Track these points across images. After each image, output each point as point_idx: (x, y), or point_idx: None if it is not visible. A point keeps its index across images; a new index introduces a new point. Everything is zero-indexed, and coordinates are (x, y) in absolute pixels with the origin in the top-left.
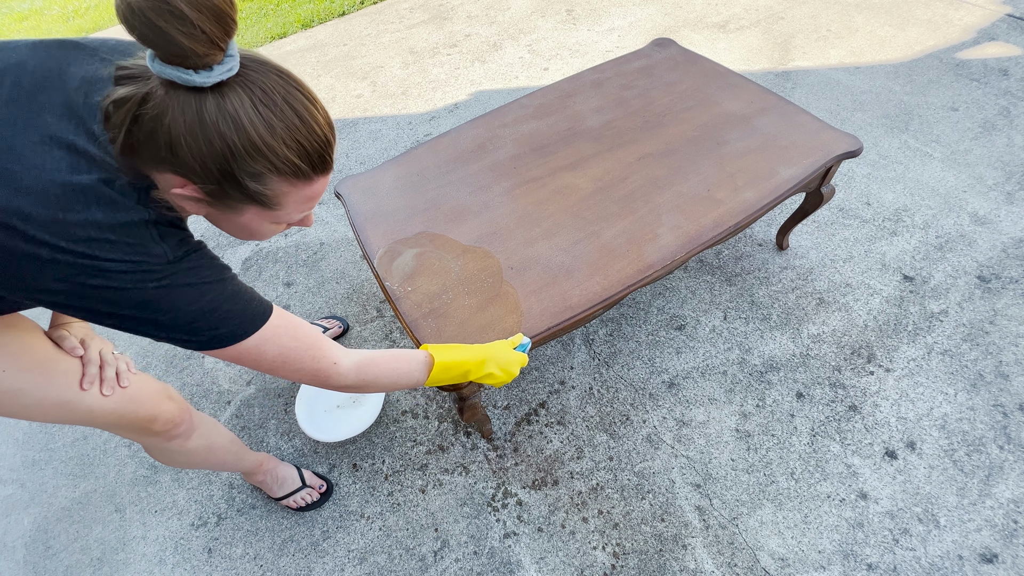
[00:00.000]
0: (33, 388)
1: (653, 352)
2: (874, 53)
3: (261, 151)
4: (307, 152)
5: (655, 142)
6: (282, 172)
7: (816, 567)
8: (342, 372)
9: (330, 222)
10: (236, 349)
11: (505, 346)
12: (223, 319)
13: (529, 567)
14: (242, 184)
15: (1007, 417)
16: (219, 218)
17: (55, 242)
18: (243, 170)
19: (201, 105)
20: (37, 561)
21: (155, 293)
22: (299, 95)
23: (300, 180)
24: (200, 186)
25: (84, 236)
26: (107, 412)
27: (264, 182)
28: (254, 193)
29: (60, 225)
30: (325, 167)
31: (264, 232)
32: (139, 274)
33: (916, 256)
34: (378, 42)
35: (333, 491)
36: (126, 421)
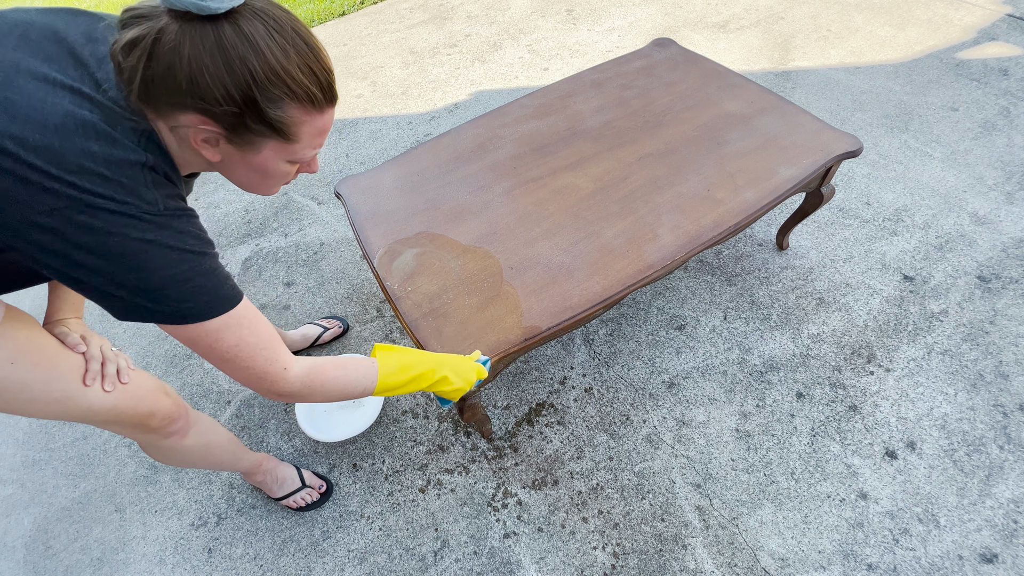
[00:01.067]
0: (38, 383)
1: (653, 352)
2: (874, 53)
3: (280, 76)
4: (318, 79)
5: (655, 142)
6: (299, 98)
7: (816, 567)
8: (289, 379)
9: (330, 222)
10: (195, 329)
11: (461, 358)
12: (192, 293)
13: (529, 567)
14: (263, 112)
15: (1007, 417)
16: (233, 163)
17: (48, 169)
18: (264, 95)
19: (220, 33)
20: (37, 561)
21: (134, 246)
22: (302, 27)
23: (314, 108)
24: (220, 121)
25: (77, 166)
26: (106, 408)
27: (283, 108)
28: (274, 121)
29: (55, 153)
30: (333, 97)
31: (276, 175)
32: (125, 218)
33: (916, 256)
34: (378, 42)
35: (333, 491)
36: (124, 417)
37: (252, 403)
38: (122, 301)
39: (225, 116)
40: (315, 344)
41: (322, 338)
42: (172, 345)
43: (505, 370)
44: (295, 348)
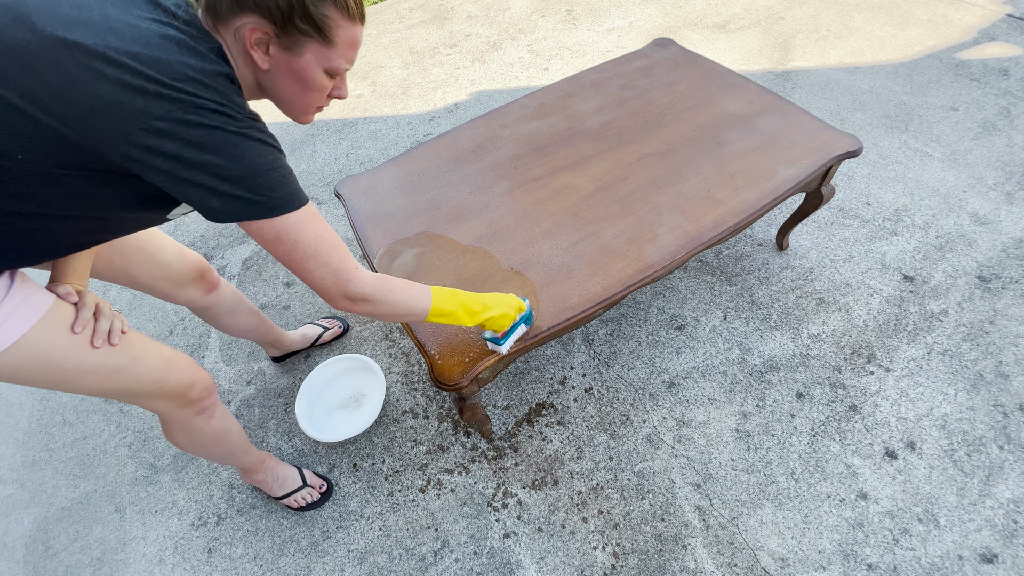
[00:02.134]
0: (95, 357)
1: (653, 352)
2: (874, 53)
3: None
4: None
5: (655, 142)
6: (337, 3)
7: (816, 567)
8: (364, 279)
9: (330, 222)
10: (283, 222)
11: (504, 295)
12: (280, 183)
13: (529, 567)
14: (308, 9)
15: (1007, 417)
16: (280, 71)
17: (160, 78)
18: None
19: None
20: (37, 561)
21: (235, 139)
22: None
23: (348, 16)
24: (272, 18)
25: (183, 75)
26: (154, 380)
27: (324, 7)
28: (317, 19)
29: (164, 64)
30: (363, 16)
31: (315, 86)
32: (224, 116)
33: (916, 256)
34: (378, 42)
35: (333, 491)
36: (168, 388)
37: (252, 403)
38: (225, 197)
39: (277, 12)
40: (315, 344)
41: (322, 338)
42: (181, 344)
43: (505, 370)
44: (295, 348)
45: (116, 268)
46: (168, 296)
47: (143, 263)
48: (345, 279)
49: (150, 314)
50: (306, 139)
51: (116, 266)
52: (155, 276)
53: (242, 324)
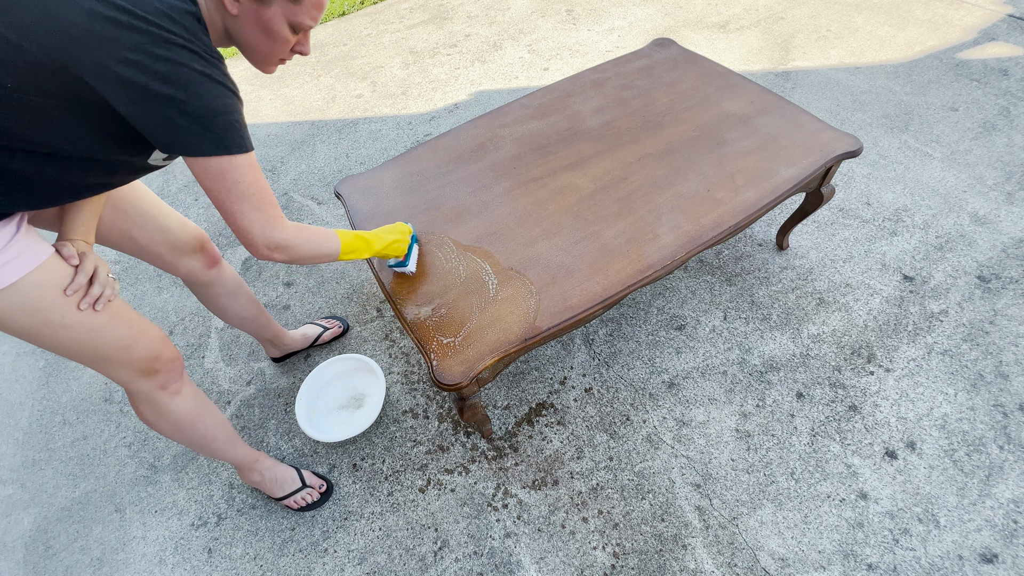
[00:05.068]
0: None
1: (653, 352)
2: (874, 53)
3: None
4: None
5: (655, 142)
6: None
7: (816, 567)
8: (287, 226)
9: (330, 222)
10: (230, 161)
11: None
12: (233, 126)
13: (529, 567)
14: None
15: (1007, 417)
16: (247, 18)
17: (133, 9)
18: None
19: None
20: (37, 561)
21: (199, 77)
22: None
23: None
24: None
25: (154, 10)
26: (121, 345)
27: None
28: None
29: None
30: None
31: (279, 38)
32: (190, 53)
33: (916, 256)
34: (378, 42)
35: (333, 491)
36: (134, 356)
37: (252, 403)
38: (181, 130)
39: None
40: (315, 344)
41: (322, 338)
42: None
43: (505, 370)
44: (295, 348)
45: (119, 231)
46: (169, 264)
47: (145, 227)
48: (272, 225)
49: (150, 314)
50: (306, 139)
51: (119, 229)
52: (156, 241)
53: (242, 311)
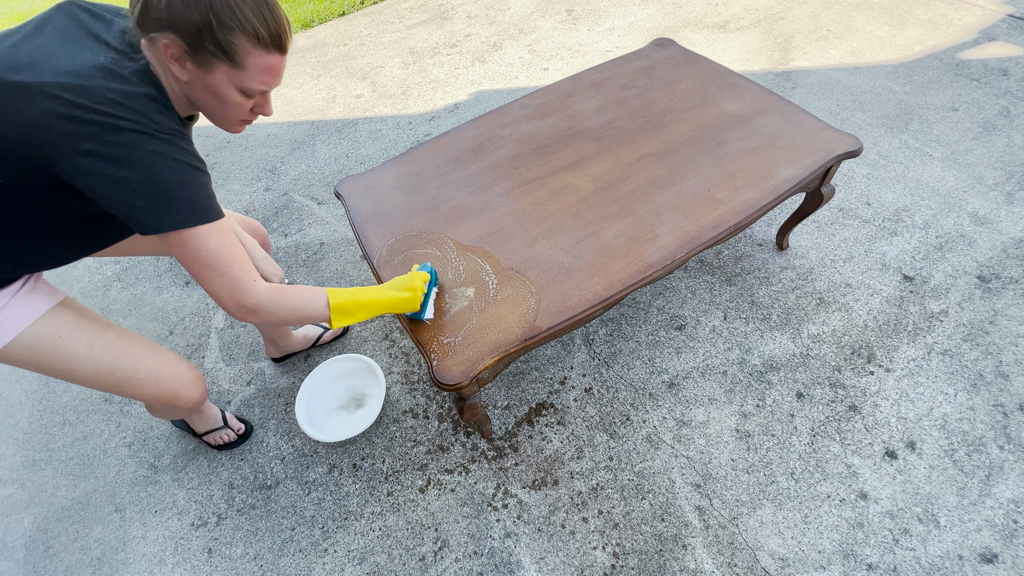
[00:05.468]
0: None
1: (653, 352)
2: (874, 53)
3: (232, 10)
4: (267, 25)
5: (655, 142)
6: (247, 32)
7: (816, 567)
8: (258, 290)
9: (330, 222)
10: (189, 233)
11: (401, 276)
12: (190, 198)
13: (529, 567)
14: (216, 34)
15: (1007, 417)
16: (195, 83)
17: (85, 103)
18: (218, 21)
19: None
20: (37, 561)
21: (148, 157)
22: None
23: (260, 44)
24: (184, 38)
25: (105, 99)
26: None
27: (233, 35)
28: (224, 44)
29: (88, 91)
30: (280, 46)
31: (230, 102)
32: (141, 135)
33: (916, 256)
34: (378, 42)
35: (252, 434)
36: (147, 393)
37: (252, 403)
38: (140, 210)
39: (188, 34)
40: (316, 344)
41: (322, 338)
42: (181, 344)
43: (505, 370)
44: (296, 349)
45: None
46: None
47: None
48: (241, 290)
49: (150, 314)
50: (306, 139)
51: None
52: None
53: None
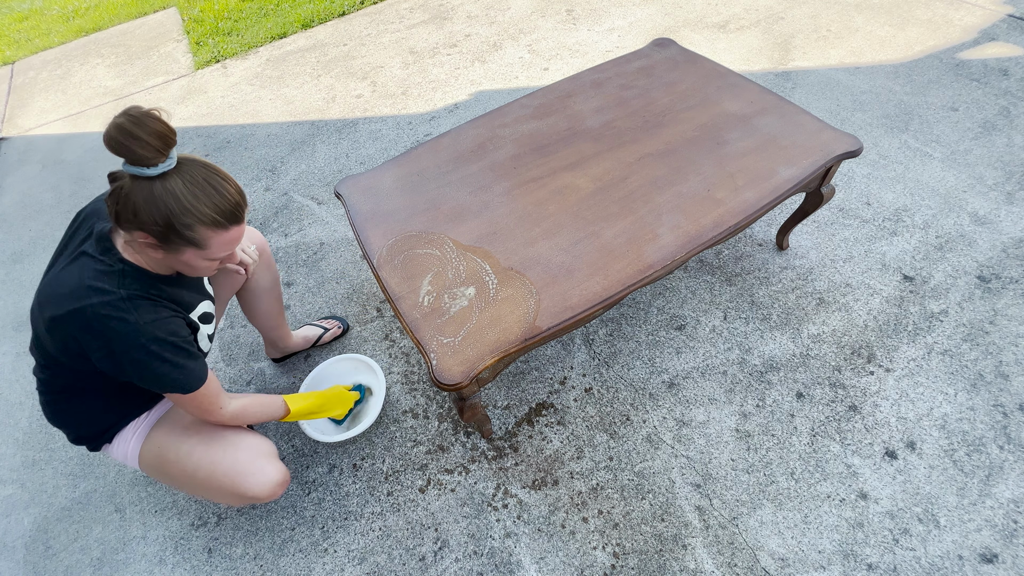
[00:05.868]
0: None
1: (653, 352)
2: (874, 53)
3: (189, 211)
4: (221, 211)
5: (655, 142)
6: (205, 223)
7: (816, 567)
8: (223, 417)
9: (330, 222)
10: (176, 398)
11: (340, 392)
12: (172, 381)
13: (529, 567)
14: (180, 232)
15: (1007, 417)
16: (169, 259)
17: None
18: (179, 222)
19: (151, 187)
20: (37, 561)
21: (140, 348)
22: (216, 177)
23: (219, 229)
24: (154, 237)
25: (95, 315)
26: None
27: (194, 230)
28: (189, 238)
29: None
30: (236, 220)
31: (201, 267)
32: (128, 336)
33: (916, 256)
34: (378, 42)
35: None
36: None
37: None
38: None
39: (157, 233)
40: (316, 345)
41: (322, 339)
42: None
43: (505, 370)
44: (296, 350)
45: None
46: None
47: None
48: (214, 417)
49: None
50: (306, 139)
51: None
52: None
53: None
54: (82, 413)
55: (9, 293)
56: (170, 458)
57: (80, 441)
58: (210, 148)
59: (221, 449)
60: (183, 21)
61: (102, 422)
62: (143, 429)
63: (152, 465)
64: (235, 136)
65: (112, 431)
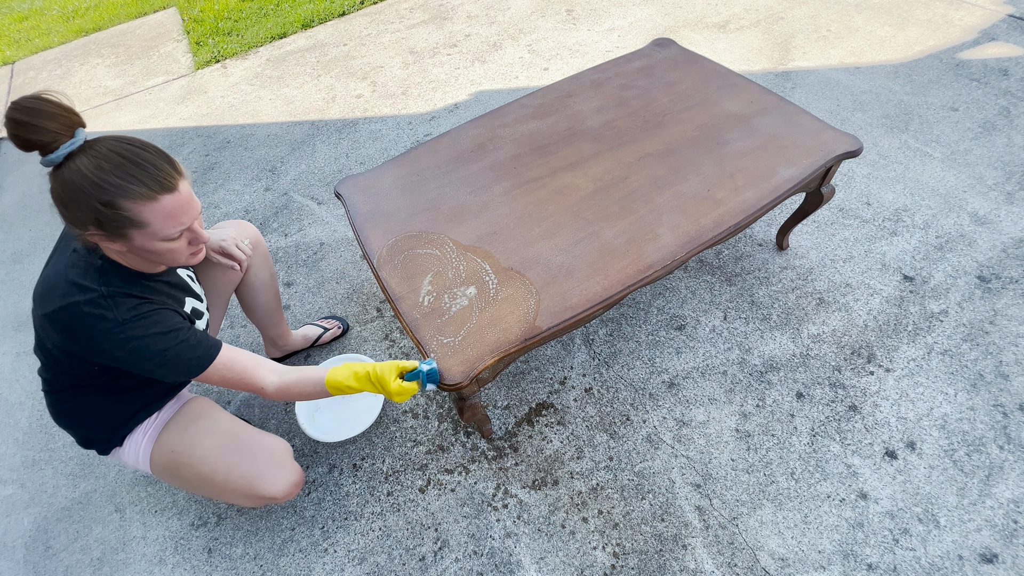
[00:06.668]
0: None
1: (653, 352)
2: (874, 53)
3: (101, 187)
4: (139, 179)
5: (655, 142)
6: (128, 196)
7: (816, 567)
8: (268, 391)
9: (330, 222)
10: (202, 376)
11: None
12: (174, 359)
13: (529, 567)
14: (107, 214)
15: (1007, 417)
16: (131, 251)
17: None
18: (98, 201)
19: (62, 173)
20: (37, 561)
21: (127, 348)
22: (127, 146)
23: (147, 201)
24: (94, 227)
25: (80, 313)
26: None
27: (119, 207)
28: (121, 219)
29: (68, 311)
30: (165, 188)
31: (162, 251)
32: (113, 332)
33: (916, 256)
34: (378, 42)
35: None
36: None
37: (252, 403)
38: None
39: (92, 222)
40: (315, 344)
41: (322, 339)
42: None
43: (505, 370)
44: (296, 348)
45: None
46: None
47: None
48: (257, 391)
49: None
50: (306, 139)
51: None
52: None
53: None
54: (87, 412)
55: (9, 293)
56: (183, 462)
57: (89, 444)
58: (210, 148)
59: (238, 453)
60: (183, 21)
61: (109, 422)
62: (153, 432)
63: (165, 468)
64: (235, 136)
65: (121, 432)
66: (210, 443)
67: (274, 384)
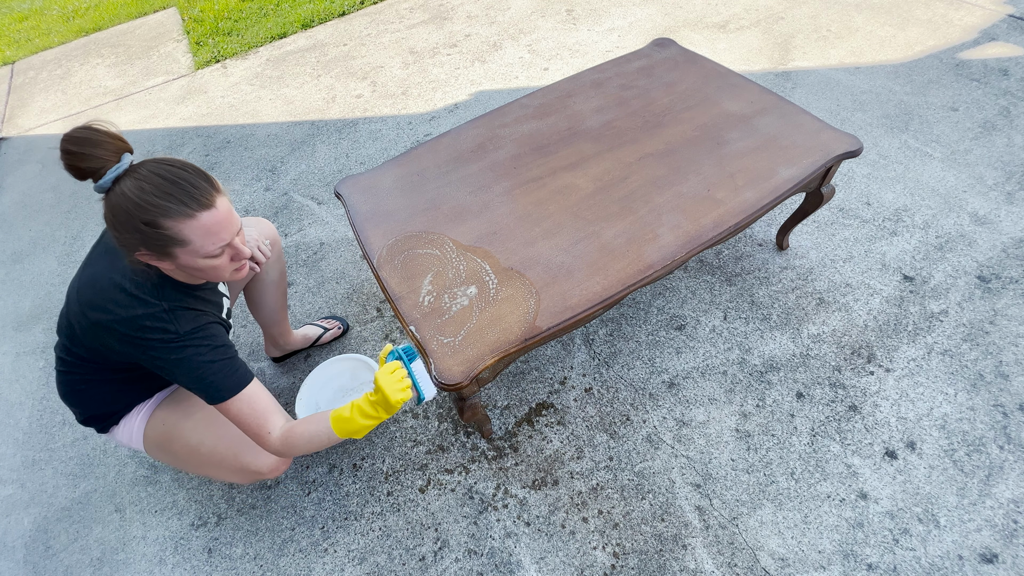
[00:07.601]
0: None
1: (653, 352)
2: (874, 53)
3: (143, 207)
4: (176, 198)
5: (655, 142)
6: (169, 216)
7: (816, 567)
8: (272, 444)
9: (330, 222)
10: (223, 406)
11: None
12: (213, 384)
13: (529, 567)
14: (151, 235)
15: (1007, 417)
16: (178, 268)
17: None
18: (142, 221)
19: (110, 197)
20: (37, 561)
21: (173, 359)
22: (166, 167)
23: (185, 218)
24: (144, 247)
25: (139, 326)
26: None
27: (162, 227)
28: (164, 238)
29: (128, 321)
30: (202, 205)
31: (206, 268)
32: (167, 346)
33: (916, 256)
34: (378, 42)
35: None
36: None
37: None
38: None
39: (139, 245)
40: (315, 344)
41: (322, 339)
42: None
43: (505, 370)
44: (296, 348)
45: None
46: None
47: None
48: (260, 442)
49: None
50: (306, 139)
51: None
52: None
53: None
54: (95, 396)
55: (9, 293)
56: (174, 434)
57: (88, 422)
58: (210, 148)
59: (227, 425)
60: (183, 21)
61: (113, 406)
62: (148, 409)
63: (156, 443)
64: (235, 136)
65: (121, 414)
66: (201, 415)
67: (280, 426)
